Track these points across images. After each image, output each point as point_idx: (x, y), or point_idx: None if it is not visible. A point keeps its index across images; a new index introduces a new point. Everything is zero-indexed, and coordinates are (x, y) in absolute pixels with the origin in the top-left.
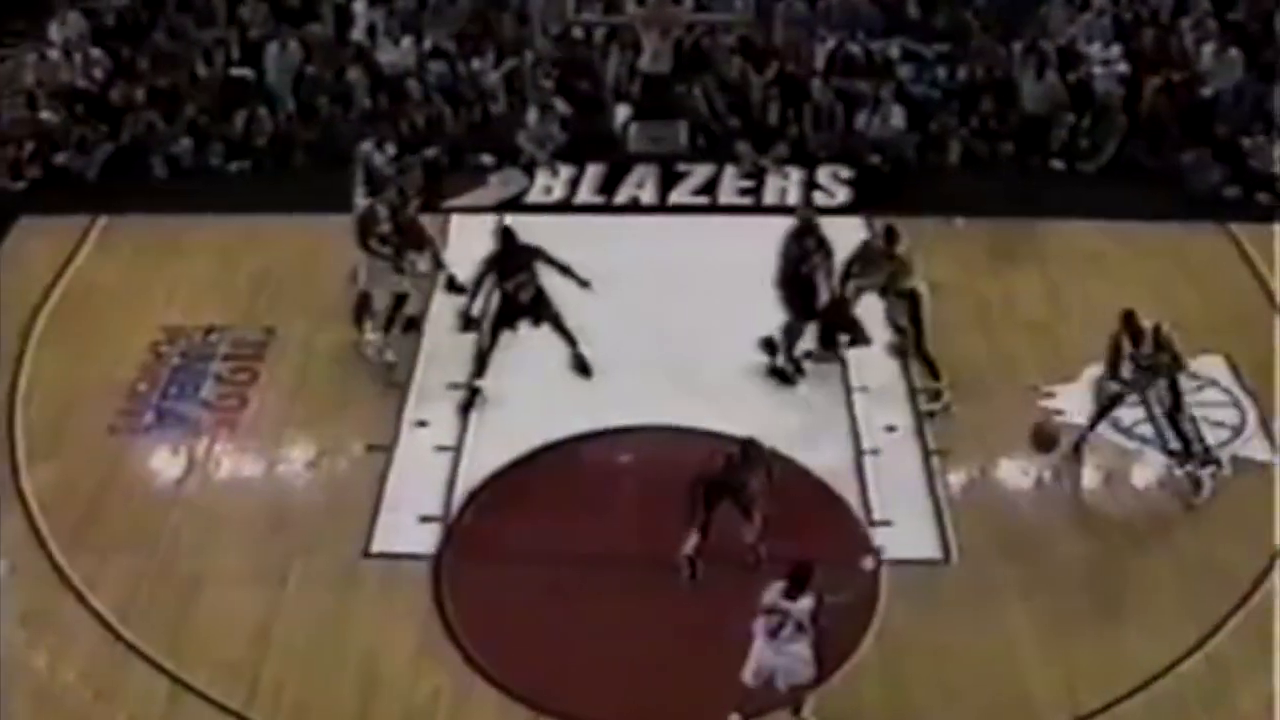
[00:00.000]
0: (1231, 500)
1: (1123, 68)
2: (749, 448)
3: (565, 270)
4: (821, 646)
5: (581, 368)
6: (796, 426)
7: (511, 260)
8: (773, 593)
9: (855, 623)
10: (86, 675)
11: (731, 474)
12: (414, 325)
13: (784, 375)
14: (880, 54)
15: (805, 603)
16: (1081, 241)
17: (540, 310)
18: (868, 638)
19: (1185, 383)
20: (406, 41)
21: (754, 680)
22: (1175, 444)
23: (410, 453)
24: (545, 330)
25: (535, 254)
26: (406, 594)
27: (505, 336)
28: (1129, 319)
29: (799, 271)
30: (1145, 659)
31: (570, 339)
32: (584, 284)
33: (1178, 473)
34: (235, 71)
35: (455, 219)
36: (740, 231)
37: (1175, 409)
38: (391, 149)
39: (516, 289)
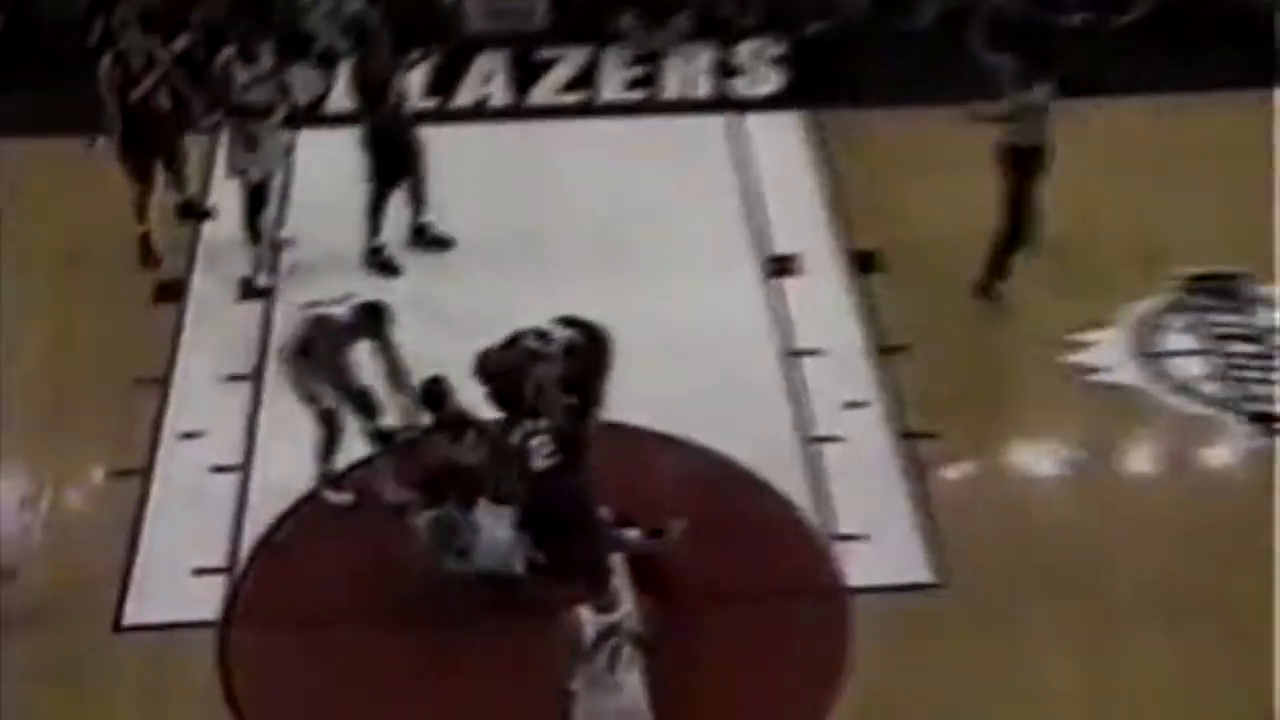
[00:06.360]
0: None
1: None
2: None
3: None
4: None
5: (438, 242)
6: (722, 405)
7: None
8: (586, 621)
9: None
10: None
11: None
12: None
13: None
14: None
15: (626, 605)
16: (1121, 123)
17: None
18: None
19: None
20: None
21: None
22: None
23: (175, 478)
24: None
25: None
26: (180, 679)
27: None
28: None
29: None
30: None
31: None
32: None
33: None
34: None
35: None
36: (630, 140)
37: None
38: None
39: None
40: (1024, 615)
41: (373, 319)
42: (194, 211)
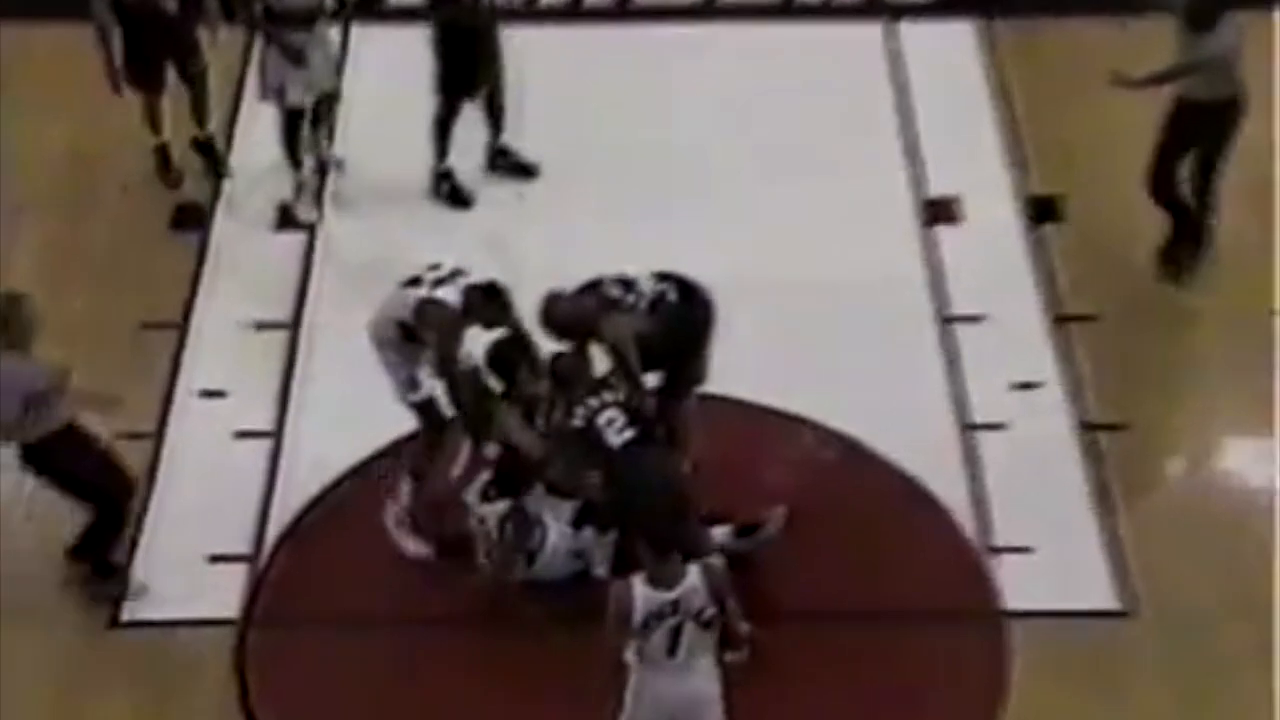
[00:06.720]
0: None
1: None
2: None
3: None
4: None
5: (520, 169)
6: (861, 382)
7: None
8: (638, 595)
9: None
10: None
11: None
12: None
13: None
14: None
15: (687, 582)
16: None
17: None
18: None
19: None
20: None
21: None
22: None
23: (191, 444)
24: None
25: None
26: (188, 687)
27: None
28: None
29: None
30: None
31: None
32: None
33: None
34: None
35: None
36: (758, 51)
37: None
38: None
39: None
40: (1227, 656)
41: (488, 302)
42: (213, 154)
